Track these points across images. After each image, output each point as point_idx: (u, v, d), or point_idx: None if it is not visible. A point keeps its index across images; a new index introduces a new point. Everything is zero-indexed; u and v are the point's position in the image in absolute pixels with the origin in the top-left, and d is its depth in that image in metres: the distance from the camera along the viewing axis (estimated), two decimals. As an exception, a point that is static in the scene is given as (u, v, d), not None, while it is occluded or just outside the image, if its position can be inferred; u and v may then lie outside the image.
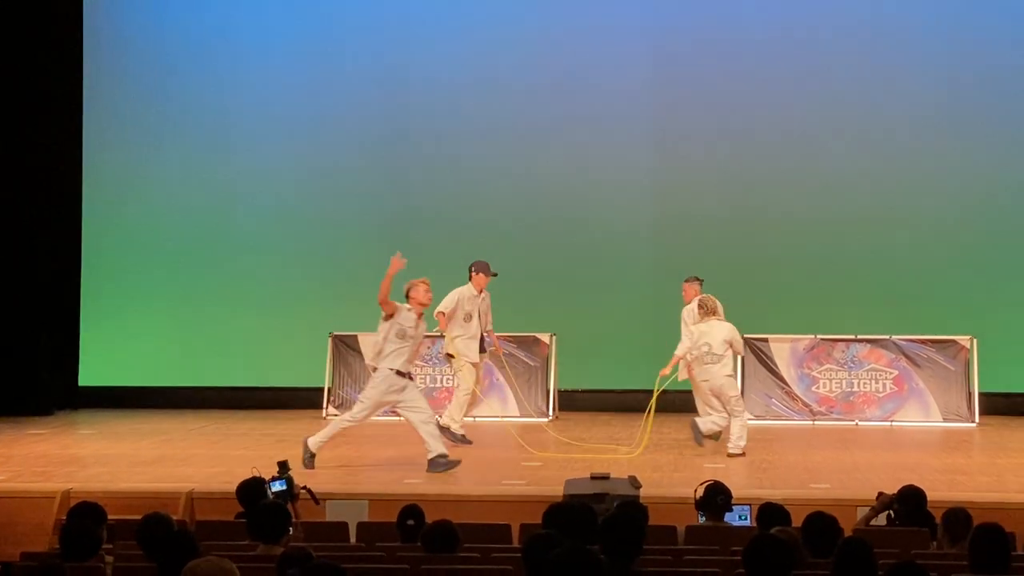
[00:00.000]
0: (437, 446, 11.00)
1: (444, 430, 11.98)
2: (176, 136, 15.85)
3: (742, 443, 11.95)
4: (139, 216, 15.89)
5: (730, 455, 11.88)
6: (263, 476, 8.40)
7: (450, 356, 12.85)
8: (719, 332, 12.18)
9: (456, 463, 10.96)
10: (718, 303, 12.37)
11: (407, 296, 11.18)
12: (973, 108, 15.30)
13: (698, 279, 13.25)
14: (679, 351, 12.37)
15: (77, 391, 15.69)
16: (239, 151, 15.85)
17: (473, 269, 12.79)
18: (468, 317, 12.70)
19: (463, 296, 12.71)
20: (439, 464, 10.90)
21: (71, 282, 15.71)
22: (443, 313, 12.53)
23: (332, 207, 15.81)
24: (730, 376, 12.29)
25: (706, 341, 12.15)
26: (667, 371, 12.40)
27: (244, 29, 15.89)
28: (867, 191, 15.36)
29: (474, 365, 12.81)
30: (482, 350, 12.86)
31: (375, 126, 15.78)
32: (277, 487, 8.30)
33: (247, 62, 15.86)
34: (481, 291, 12.77)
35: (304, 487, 8.64)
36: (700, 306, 12.43)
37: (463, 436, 12.55)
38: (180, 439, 13.12)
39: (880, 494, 8.24)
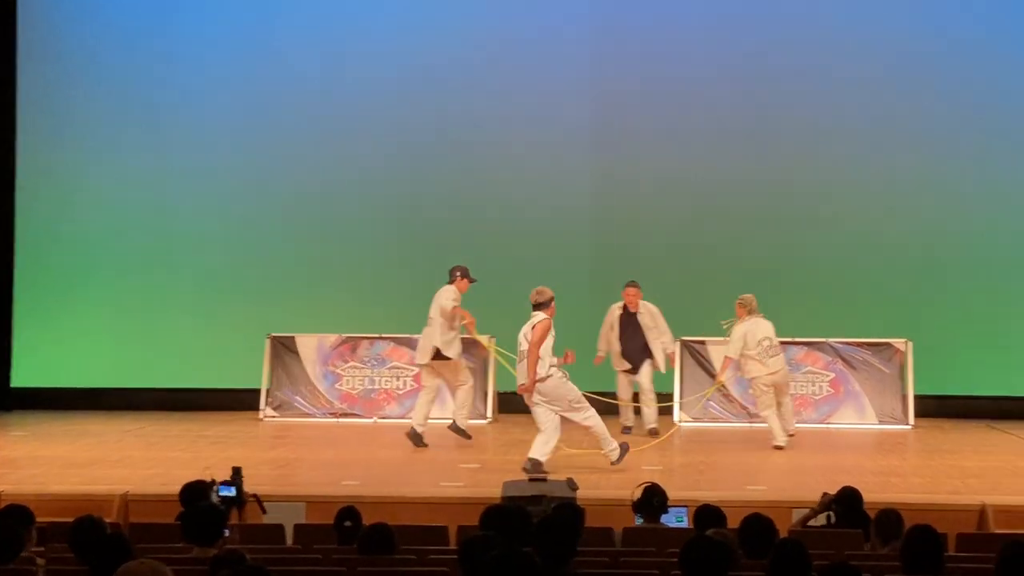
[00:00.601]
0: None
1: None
2: (111, 134, 15.67)
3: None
4: (73, 216, 15.69)
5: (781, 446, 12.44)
6: (215, 479, 8.29)
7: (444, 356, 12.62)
8: (769, 327, 12.58)
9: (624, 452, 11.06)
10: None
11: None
12: (910, 115, 15.43)
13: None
14: (730, 352, 12.56)
15: (9, 392, 15.49)
16: (175, 150, 15.70)
17: (459, 273, 12.65)
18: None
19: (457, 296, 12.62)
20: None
21: (3, 282, 15.50)
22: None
23: (268, 207, 15.70)
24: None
25: (765, 336, 12.49)
26: (722, 376, 12.93)
27: (181, 23, 15.74)
28: (806, 195, 15.45)
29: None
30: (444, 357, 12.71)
31: (310, 125, 15.67)
32: (224, 492, 8.19)
33: (184, 58, 15.70)
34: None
35: (253, 495, 8.56)
36: (742, 304, 12.67)
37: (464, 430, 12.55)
38: (115, 441, 12.98)
39: (824, 494, 8.33)
